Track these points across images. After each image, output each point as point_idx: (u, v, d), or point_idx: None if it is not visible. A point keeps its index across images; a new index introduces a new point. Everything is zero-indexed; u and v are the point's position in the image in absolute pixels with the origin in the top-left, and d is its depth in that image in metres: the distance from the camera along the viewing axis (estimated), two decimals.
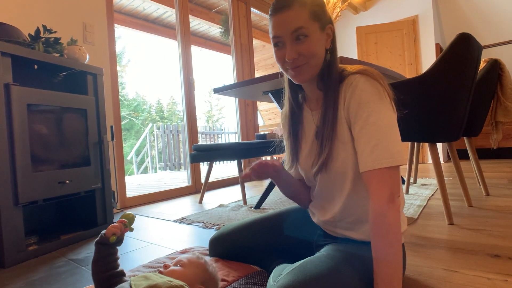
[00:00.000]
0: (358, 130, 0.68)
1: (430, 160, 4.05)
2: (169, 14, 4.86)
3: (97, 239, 0.73)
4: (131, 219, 0.78)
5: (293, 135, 0.85)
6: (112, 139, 1.99)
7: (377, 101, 0.66)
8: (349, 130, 0.71)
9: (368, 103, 0.66)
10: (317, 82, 0.78)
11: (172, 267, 0.73)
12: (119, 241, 0.74)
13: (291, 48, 0.70)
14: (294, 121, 0.85)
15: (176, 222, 1.80)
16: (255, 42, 5.03)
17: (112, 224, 0.73)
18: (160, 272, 0.72)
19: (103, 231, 0.73)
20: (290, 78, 0.77)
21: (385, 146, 0.64)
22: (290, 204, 1.05)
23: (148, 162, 7.42)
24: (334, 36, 0.76)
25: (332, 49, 0.76)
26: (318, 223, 0.87)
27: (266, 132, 3.35)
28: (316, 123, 0.79)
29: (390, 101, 0.69)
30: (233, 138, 7.63)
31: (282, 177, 0.88)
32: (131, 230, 0.77)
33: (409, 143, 2.11)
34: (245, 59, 3.66)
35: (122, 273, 0.74)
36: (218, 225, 1.63)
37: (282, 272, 0.66)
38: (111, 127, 1.97)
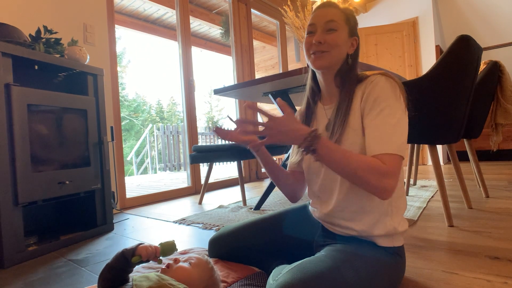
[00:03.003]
0: (370, 120, 0.74)
1: (430, 162, 4.05)
2: (170, 15, 4.86)
3: (124, 248, 0.71)
4: (168, 248, 0.73)
5: None
6: (112, 139, 1.99)
7: (394, 99, 0.73)
8: (360, 120, 0.76)
9: (386, 99, 0.73)
10: (335, 79, 0.84)
11: (181, 263, 0.73)
12: (140, 263, 0.72)
13: (320, 34, 0.80)
14: (308, 116, 0.91)
15: (176, 223, 1.80)
16: (255, 43, 5.03)
17: (148, 246, 0.70)
18: (167, 266, 0.72)
19: (137, 245, 0.70)
20: (310, 63, 0.84)
21: (394, 136, 0.70)
22: (290, 205, 1.05)
23: (148, 163, 7.42)
24: (358, 48, 0.85)
25: (354, 57, 0.85)
26: (319, 218, 0.87)
27: None
28: (328, 116, 0.85)
29: (405, 104, 0.75)
30: None
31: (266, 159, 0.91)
32: (159, 262, 0.73)
33: (409, 144, 2.12)
34: (245, 60, 3.66)
35: (127, 280, 0.73)
36: (217, 226, 1.63)
37: (281, 271, 0.66)
38: (111, 127, 1.98)
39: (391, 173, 0.66)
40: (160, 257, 0.73)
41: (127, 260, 0.69)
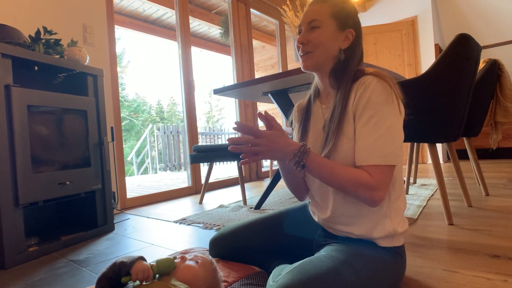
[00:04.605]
0: (360, 127, 0.72)
1: (429, 160, 4.05)
2: (169, 15, 4.86)
3: (121, 261, 0.68)
4: (165, 267, 0.69)
5: (303, 126, 0.89)
6: (113, 140, 1.99)
7: (384, 103, 0.71)
8: (353, 125, 0.74)
9: (375, 104, 0.71)
10: (329, 79, 0.82)
11: (188, 262, 0.74)
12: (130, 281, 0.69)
13: (303, 35, 0.80)
14: (307, 113, 0.90)
15: (177, 222, 1.80)
16: (255, 43, 5.03)
17: (142, 270, 0.67)
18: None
19: (134, 261, 0.68)
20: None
21: (380, 146, 0.69)
22: (290, 204, 1.06)
23: (148, 163, 7.42)
24: (356, 41, 0.80)
25: (350, 52, 0.80)
26: (319, 222, 0.88)
27: None
28: (325, 117, 0.83)
29: (398, 105, 0.72)
30: None
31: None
32: (154, 277, 0.69)
33: (409, 143, 2.12)
34: (244, 60, 3.66)
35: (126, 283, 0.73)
36: (218, 225, 1.63)
37: (281, 272, 0.66)
38: (111, 128, 1.98)
39: (379, 186, 0.67)
40: (156, 275, 0.70)
41: (121, 274, 0.67)
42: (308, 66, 0.81)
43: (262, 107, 6.54)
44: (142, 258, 0.70)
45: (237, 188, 3.08)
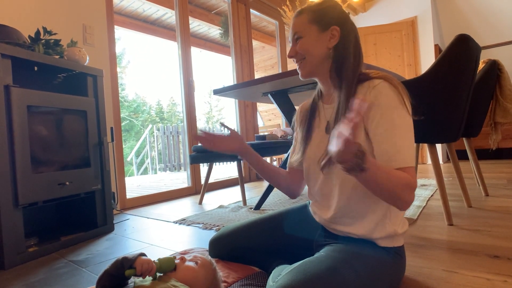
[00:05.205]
0: (381, 132, 0.71)
1: (429, 161, 4.05)
2: (169, 15, 4.86)
3: (125, 257, 0.69)
4: (167, 265, 0.70)
5: (307, 126, 0.89)
6: (112, 140, 1.99)
7: (400, 108, 0.72)
8: (363, 129, 0.74)
9: (394, 108, 0.71)
10: (331, 80, 0.82)
11: (188, 263, 0.74)
12: (135, 275, 0.69)
13: (290, 49, 0.85)
14: (312, 113, 0.90)
15: (176, 223, 1.80)
16: (255, 43, 5.04)
17: (146, 262, 0.68)
18: (174, 269, 0.72)
19: (137, 256, 0.68)
20: None
21: (408, 148, 0.70)
22: (290, 205, 1.06)
23: (148, 163, 7.41)
24: (343, 36, 0.79)
25: (341, 46, 0.79)
26: (320, 222, 0.88)
27: (266, 133, 3.35)
28: (327, 118, 0.83)
29: (408, 108, 0.73)
30: None
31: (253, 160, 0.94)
32: (154, 278, 0.70)
33: None
34: (244, 60, 3.66)
35: (127, 283, 0.72)
36: (218, 226, 1.63)
37: (281, 273, 0.66)
38: (111, 128, 1.98)
39: (416, 187, 0.68)
40: (157, 273, 0.70)
41: (124, 269, 0.68)
42: (304, 74, 0.84)
43: (262, 107, 6.54)
44: (143, 254, 0.71)
45: (237, 188, 3.08)
